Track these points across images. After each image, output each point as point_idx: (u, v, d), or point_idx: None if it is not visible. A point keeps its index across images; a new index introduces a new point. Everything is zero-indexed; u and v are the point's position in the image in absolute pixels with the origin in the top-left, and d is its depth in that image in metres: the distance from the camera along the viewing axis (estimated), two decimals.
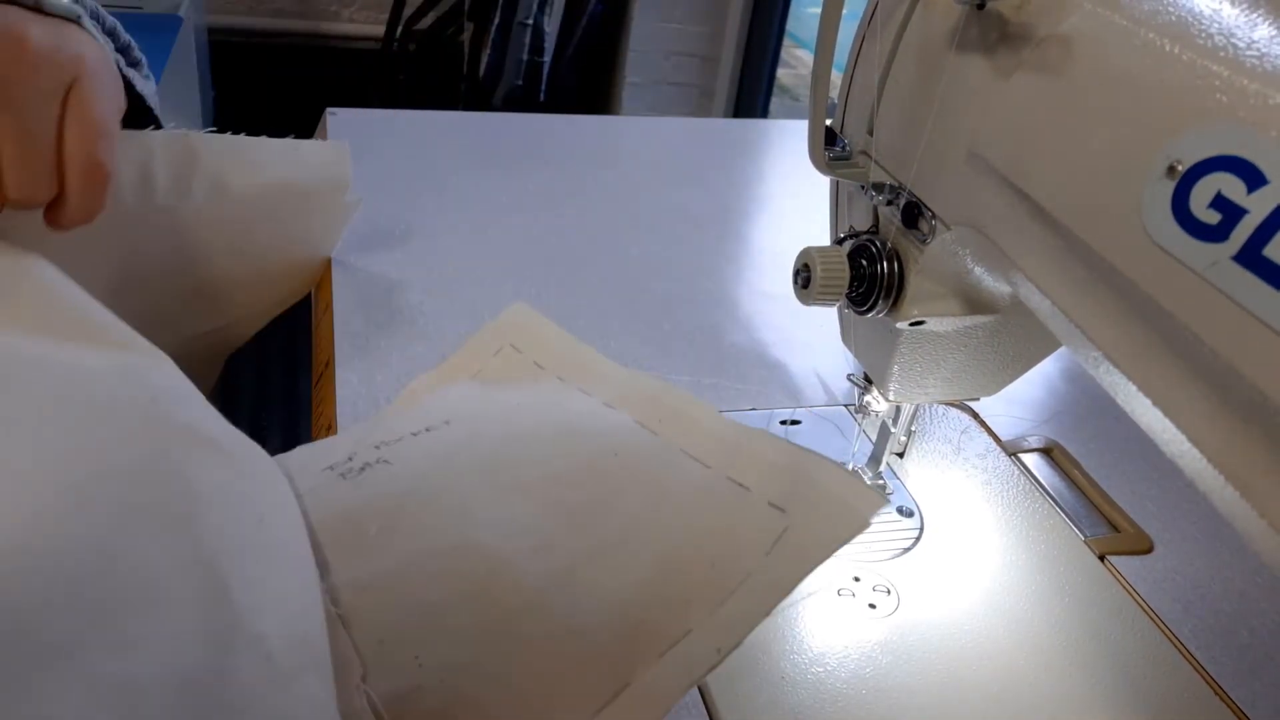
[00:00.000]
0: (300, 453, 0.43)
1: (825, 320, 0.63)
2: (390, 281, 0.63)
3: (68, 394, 0.30)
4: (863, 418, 0.50)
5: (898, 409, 0.48)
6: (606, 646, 0.34)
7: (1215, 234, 0.24)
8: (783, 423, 0.54)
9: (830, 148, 0.42)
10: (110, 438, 0.30)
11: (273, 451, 0.40)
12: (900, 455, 0.51)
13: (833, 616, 0.42)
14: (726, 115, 2.10)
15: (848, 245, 0.41)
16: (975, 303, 0.40)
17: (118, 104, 0.40)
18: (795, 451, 0.37)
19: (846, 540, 0.33)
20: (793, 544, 0.34)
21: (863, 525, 0.33)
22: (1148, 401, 0.28)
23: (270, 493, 0.36)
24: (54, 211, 0.37)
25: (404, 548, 0.36)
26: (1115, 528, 0.50)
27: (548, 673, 0.34)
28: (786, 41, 2.11)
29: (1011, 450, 0.54)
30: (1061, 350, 0.44)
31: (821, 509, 0.35)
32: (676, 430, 0.41)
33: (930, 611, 0.43)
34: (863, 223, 0.43)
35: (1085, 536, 0.49)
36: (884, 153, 0.40)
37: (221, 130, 0.51)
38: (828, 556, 0.33)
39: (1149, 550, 0.49)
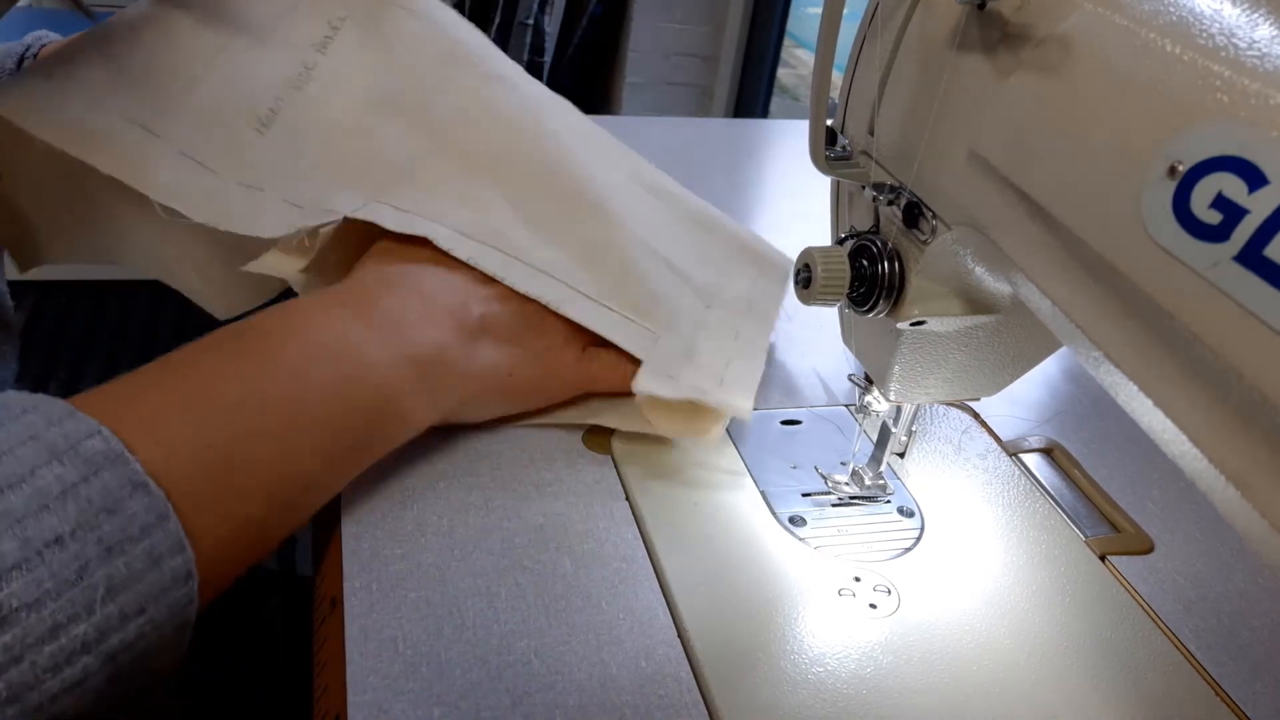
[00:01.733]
0: None
1: (825, 320, 0.63)
2: None
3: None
4: (863, 418, 0.50)
5: (898, 409, 0.48)
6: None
7: (1216, 234, 0.24)
8: (783, 423, 0.54)
9: (831, 148, 0.42)
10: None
11: None
12: (901, 455, 0.51)
13: (833, 616, 0.43)
14: (726, 115, 2.10)
15: (848, 245, 0.41)
16: (976, 303, 0.40)
17: None
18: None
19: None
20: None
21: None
22: (1148, 401, 0.28)
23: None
24: None
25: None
26: (1116, 528, 0.50)
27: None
28: (787, 41, 2.11)
29: (1012, 450, 0.54)
30: (1062, 350, 0.44)
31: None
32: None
33: (931, 611, 0.43)
34: (863, 223, 0.43)
35: (1086, 537, 0.49)
36: (885, 153, 0.40)
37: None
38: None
39: (1149, 550, 0.49)
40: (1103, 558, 0.47)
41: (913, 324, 0.41)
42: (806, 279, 0.41)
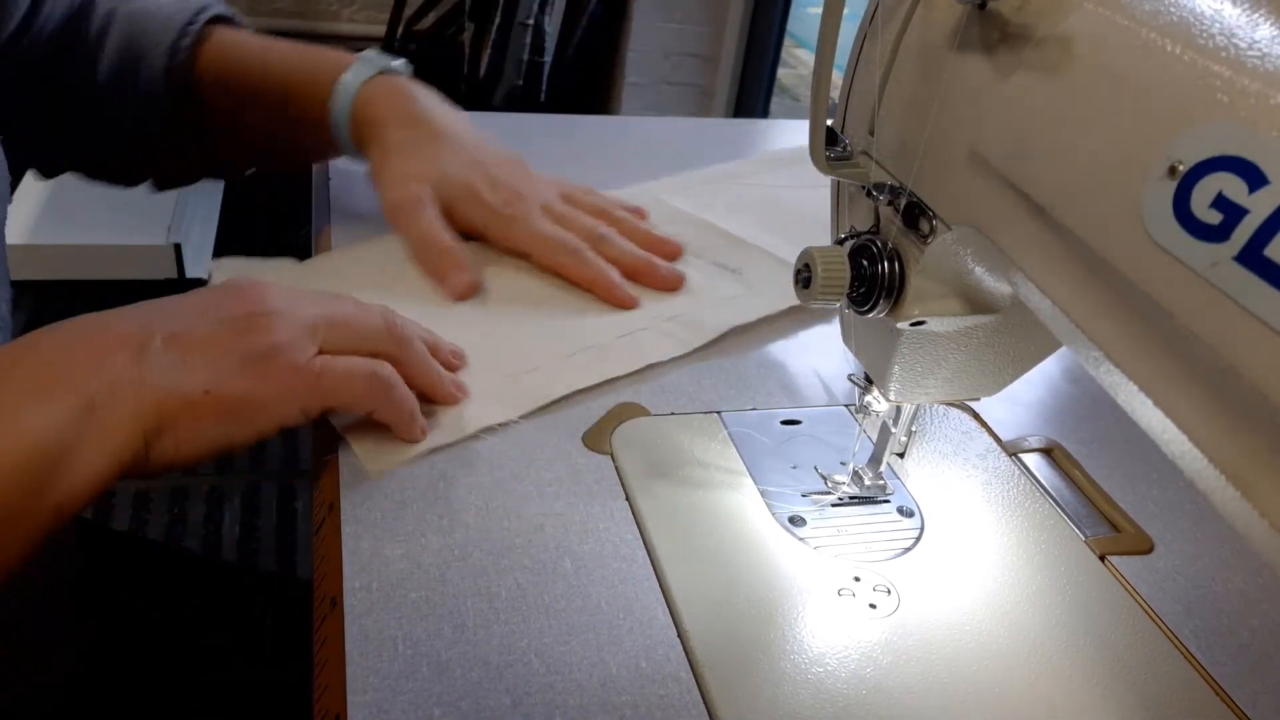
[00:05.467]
0: None
1: (825, 320, 0.63)
2: None
3: None
4: (863, 418, 0.50)
5: (898, 409, 0.48)
6: None
7: (1216, 234, 0.24)
8: (783, 423, 0.54)
9: (831, 148, 0.42)
10: None
11: None
12: (900, 455, 0.51)
13: (833, 616, 0.43)
14: (726, 115, 2.10)
15: (848, 245, 0.41)
16: (976, 303, 0.40)
17: None
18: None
19: None
20: None
21: None
22: (1148, 401, 0.28)
23: None
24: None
25: None
26: (1116, 528, 0.50)
27: None
28: (787, 41, 2.12)
29: (1012, 450, 0.54)
30: (1062, 350, 0.44)
31: None
32: None
33: (931, 611, 0.43)
34: (863, 223, 0.43)
35: (1086, 536, 0.49)
36: (885, 153, 0.40)
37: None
38: None
39: (1149, 550, 0.49)
40: (1103, 558, 0.47)
41: (912, 324, 0.41)
42: (806, 279, 0.41)
